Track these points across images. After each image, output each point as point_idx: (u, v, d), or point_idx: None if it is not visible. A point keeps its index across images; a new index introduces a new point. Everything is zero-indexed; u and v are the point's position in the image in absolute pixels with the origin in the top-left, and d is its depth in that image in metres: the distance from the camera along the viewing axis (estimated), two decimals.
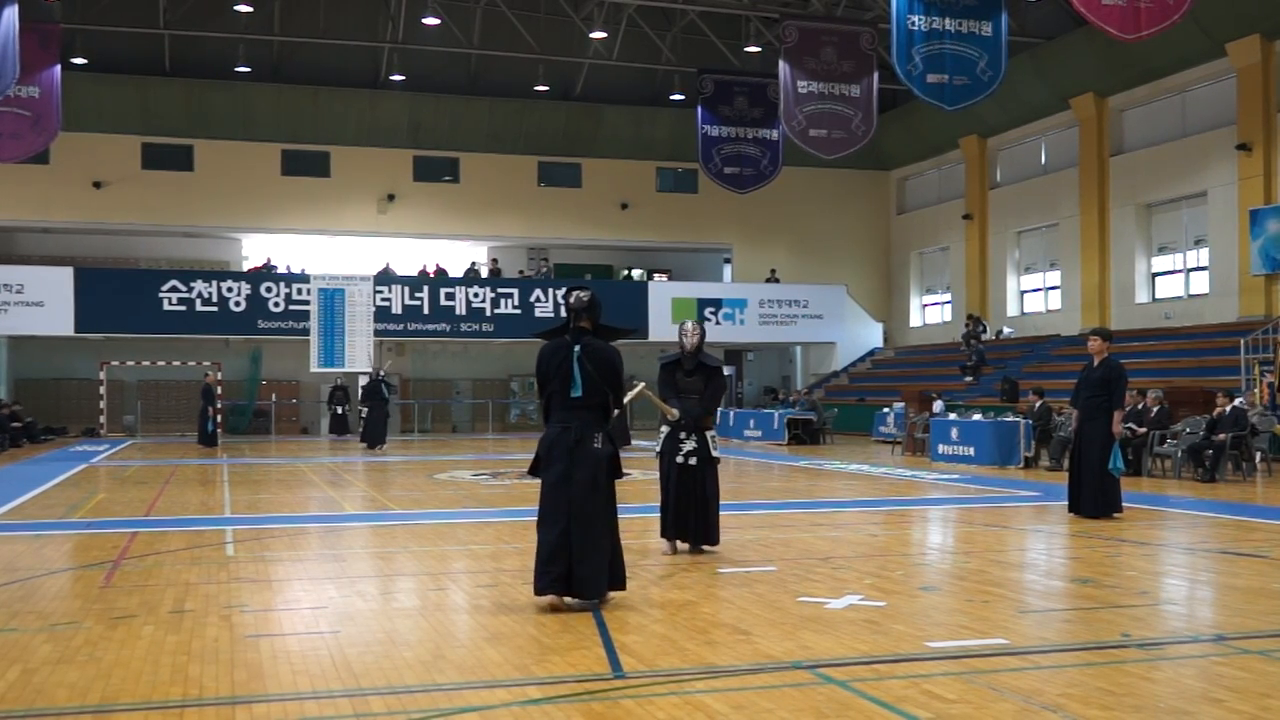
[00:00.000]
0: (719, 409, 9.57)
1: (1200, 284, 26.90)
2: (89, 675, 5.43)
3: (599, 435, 7.01)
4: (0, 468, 19.85)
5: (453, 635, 6.35)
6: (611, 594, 7.09)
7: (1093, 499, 11.55)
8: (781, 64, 24.25)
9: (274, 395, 33.41)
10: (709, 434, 9.12)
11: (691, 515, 9.04)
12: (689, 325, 9.34)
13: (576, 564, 6.82)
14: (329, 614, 6.96)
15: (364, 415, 26.97)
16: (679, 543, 9.17)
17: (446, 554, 9.59)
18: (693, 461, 9.00)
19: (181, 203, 32.56)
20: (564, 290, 7.37)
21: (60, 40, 25.63)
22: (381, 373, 27.60)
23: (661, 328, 32.23)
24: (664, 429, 9.19)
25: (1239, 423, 16.33)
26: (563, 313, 7.26)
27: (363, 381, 28.19)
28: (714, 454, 9.12)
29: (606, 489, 7.04)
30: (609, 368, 7.02)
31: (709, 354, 9.32)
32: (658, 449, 9.22)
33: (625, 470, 7.36)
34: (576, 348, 6.99)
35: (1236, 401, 16.93)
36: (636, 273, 38.08)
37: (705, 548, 9.16)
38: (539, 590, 6.86)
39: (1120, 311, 28.40)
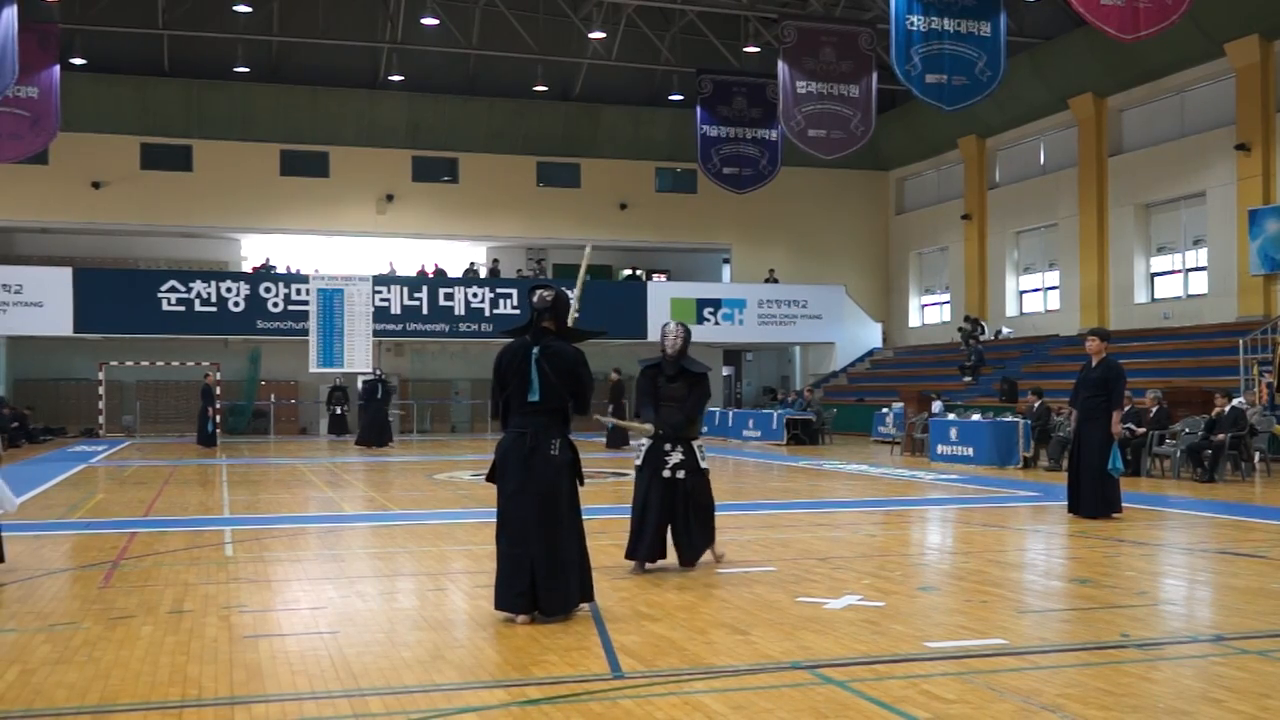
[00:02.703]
0: (702, 416, 8.68)
1: (1199, 284, 26.91)
2: (88, 675, 5.43)
3: (556, 442, 6.64)
4: None
5: (452, 635, 6.35)
6: (582, 605, 6.81)
7: (1092, 499, 11.55)
8: (780, 64, 24.25)
9: (273, 395, 33.40)
10: (695, 444, 8.40)
11: (682, 530, 8.34)
12: (671, 326, 8.66)
13: (543, 584, 6.49)
14: (328, 614, 6.96)
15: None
16: (659, 560, 8.38)
17: (445, 554, 9.58)
18: (680, 475, 8.27)
19: (180, 203, 32.56)
20: (530, 289, 7.00)
21: (59, 40, 25.64)
22: (380, 373, 27.81)
23: (660, 328, 32.22)
24: (645, 441, 8.40)
25: (1238, 423, 16.34)
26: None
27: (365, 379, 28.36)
28: (702, 465, 8.41)
29: (569, 499, 6.69)
30: (569, 371, 6.65)
31: (693, 359, 8.67)
32: (638, 462, 8.39)
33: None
34: (535, 349, 6.66)
35: (1235, 402, 16.94)
36: (627, 273, 38.09)
37: (694, 565, 8.45)
38: (499, 605, 6.59)
39: (1119, 311, 28.41)
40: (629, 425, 8.64)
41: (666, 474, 8.28)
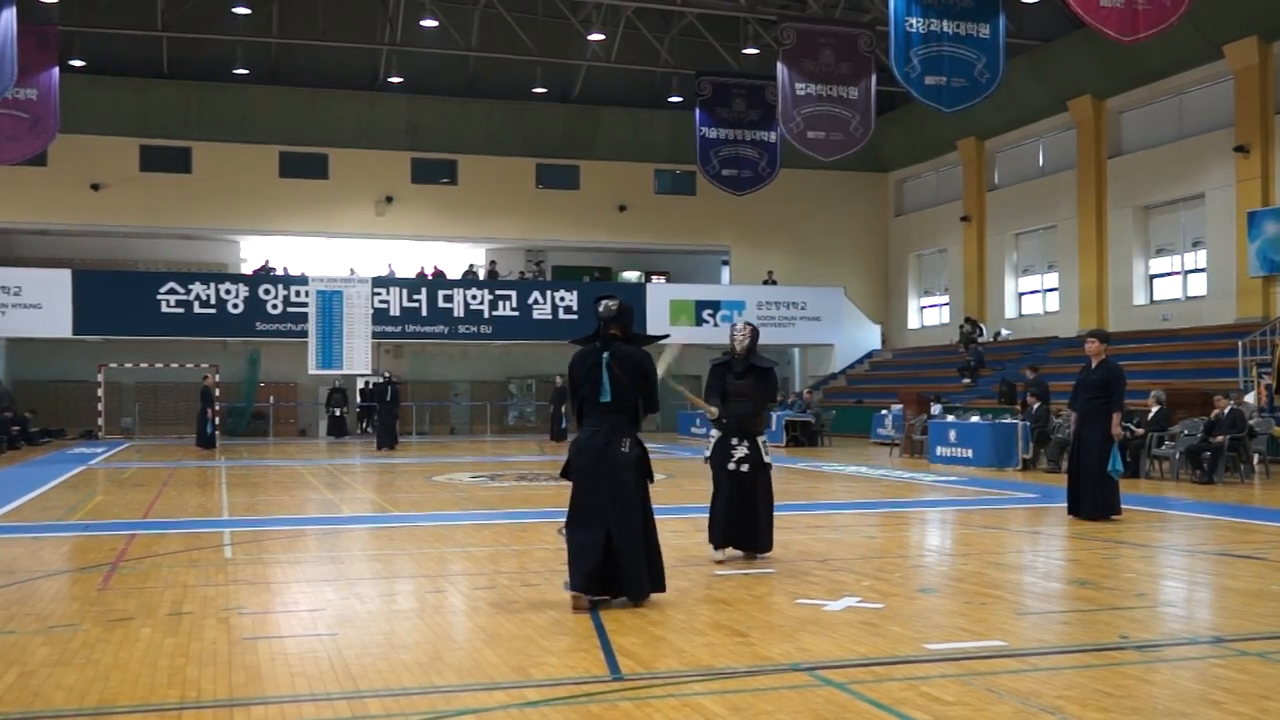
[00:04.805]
0: (766, 411, 9.20)
1: (1198, 286, 26.91)
2: (87, 677, 5.43)
3: (627, 440, 7.15)
4: None
5: (451, 637, 6.35)
6: (651, 595, 7.20)
7: (1091, 501, 11.54)
8: (779, 66, 24.25)
9: (272, 397, 33.41)
10: (760, 439, 8.80)
11: (745, 522, 8.74)
12: (739, 325, 8.99)
13: (625, 570, 6.97)
14: (327, 616, 6.96)
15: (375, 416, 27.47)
16: (729, 549, 8.85)
17: (444, 556, 9.58)
18: (744, 469, 8.71)
19: (179, 205, 32.55)
20: (595, 299, 7.48)
21: (58, 42, 25.61)
22: (387, 374, 27.85)
23: (659, 329, 32.21)
24: (713, 434, 8.90)
25: (1237, 425, 16.34)
26: (560, 314, 7.39)
27: (364, 383, 28.38)
28: (765, 459, 8.79)
29: (639, 492, 7.16)
30: (639, 372, 7.18)
31: (761, 356, 8.97)
32: (707, 455, 8.97)
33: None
34: (605, 354, 7.19)
35: (1234, 403, 16.94)
36: (633, 274, 38.09)
37: (758, 555, 8.87)
38: (571, 586, 6.98)
39: (1118, 313, 28.41)
40: (698, 403, 9.02)
41: (731, 466, 8.73)
